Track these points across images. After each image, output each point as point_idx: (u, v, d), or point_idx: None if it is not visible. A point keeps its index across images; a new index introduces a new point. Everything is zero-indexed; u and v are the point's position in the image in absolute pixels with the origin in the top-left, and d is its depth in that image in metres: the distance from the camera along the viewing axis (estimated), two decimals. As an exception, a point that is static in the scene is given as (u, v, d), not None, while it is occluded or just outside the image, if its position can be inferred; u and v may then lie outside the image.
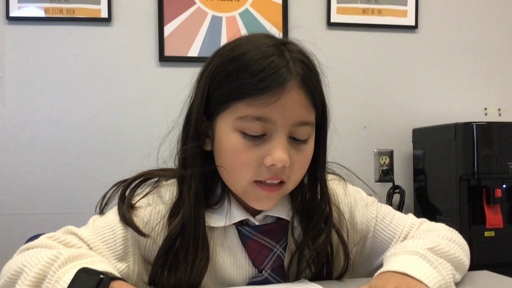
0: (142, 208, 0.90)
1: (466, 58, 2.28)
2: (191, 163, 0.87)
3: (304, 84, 0.82)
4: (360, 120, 2.19)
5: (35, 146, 1.95)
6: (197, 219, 0.86)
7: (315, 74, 0.86)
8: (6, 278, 0.77)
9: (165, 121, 1.42)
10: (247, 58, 0.81)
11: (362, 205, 0.99)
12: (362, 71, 2.19)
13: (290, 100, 0.81)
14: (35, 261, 0.75)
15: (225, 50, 0.86)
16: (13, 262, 0.79)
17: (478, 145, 1.80)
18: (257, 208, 0.88)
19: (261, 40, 0.85)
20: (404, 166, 2.22)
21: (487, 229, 1.80)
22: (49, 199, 1.95)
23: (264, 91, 0.79)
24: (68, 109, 1.98)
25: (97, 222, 0.89)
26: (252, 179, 0.83)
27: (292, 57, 0.83)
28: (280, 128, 0.81)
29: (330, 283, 0.90)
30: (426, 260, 0.81)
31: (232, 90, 0.82)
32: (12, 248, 0.84)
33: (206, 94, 0.86)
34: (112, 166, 1.99)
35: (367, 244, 0.98)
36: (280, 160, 0.80)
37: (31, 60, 1.96)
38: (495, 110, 2.28)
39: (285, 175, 0.84)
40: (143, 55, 2.03)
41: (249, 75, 0.80)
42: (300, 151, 0.84)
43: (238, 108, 0.82)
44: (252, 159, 0.82)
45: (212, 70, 0.85)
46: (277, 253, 0.91)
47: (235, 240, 0.91)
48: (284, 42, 0.86)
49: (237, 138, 0.82)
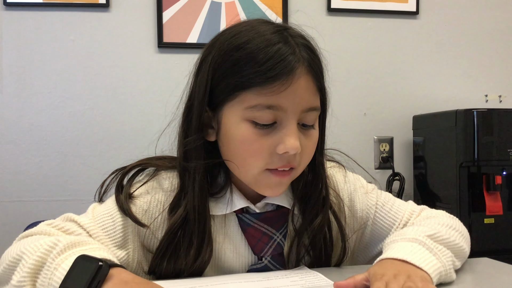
0: (141, 196, 0.89)
1: (467, 45, 2.27)
2: (194, 156, 0.86)
3: (311, 69, 0.82)
4: (360, 107, 2.18)
5: (34, 133, 1.95)
6: (202, 212, 0.86)
7: (319, 58, 0.86)
8: (5, 265, 0.76)
9: (164, 108, 1.42)
10: (252, 46, 0.80)
11: (362, 192, 0.99)
12: (362, 58, 2.17)
13: (300, 87, 0.81)
14: (33, 248, 0.74)
15: (225, 37, 0.85)
16: (12, 249, 0.78)
17: (478, 132, 1.80)
18: (268, 195, 0.88)
19: (261, 26, 0.84)
20: (404, 153, 2.22)
21: (487, 216, 1.81)
22: (48, 186, 1.94)
23: (273, 79, 0.78)
24: (67, 96, 1.97)
25: (96, 209, 0.89)
26: (264, 168, 0.83)
27: (297, 43, 0.83)
28: (291, 115, 0.81)
29: (330, 270, 0.91)
30: (425, 247, 0.81)
31: (239, 80, 0.80)
32: (11, 236, 0.84)
33: (209, 85, 0.84)
34: (110, 153, 1.98)
35: (367, 231, 0.98)
36: (293, 148, 0.80)
37: (29, 46, 1.95)
38: (495, 96, 2.27)
39: (296, 161, 0.84)
40: (142, 41, 2.02)
41: (257, 63, 0.79)
42: (308, 137, 0.85)
43: (247, 98, 0.81)
44: (264, 148, 0.81)
45: (215, 59, 0.84)
46: (277, 241, 0.91)
47: (235, 227, 0.91)
48: (285, 28, 0.85)
49: (248, 127, 0.81)
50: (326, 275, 0.84)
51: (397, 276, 0.73)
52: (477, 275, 0.89)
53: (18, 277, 0.72)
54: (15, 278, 0.72)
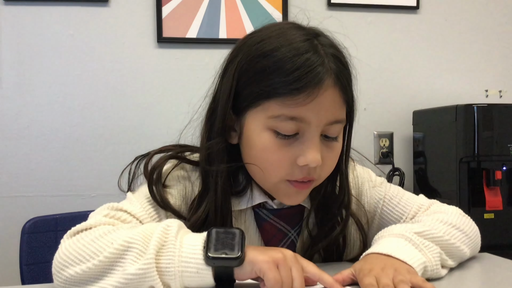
0: (174, 187, 0.89)
1: (467, 40, 2.26)
2: (217, 160, 0.85)
3: (338, 81, 0.81)
4: (360, 102, 2.14)
5: (33, 128, 1.94)
6: (223, 211, 0.86)
7: (348, 69, 0.84)
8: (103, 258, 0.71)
9: (163, 103, 1.45)
10: (280, 55, 0.79)
11: (370, 186, 0.99)
12: (362, 52, 2.16)
13: (326, 99, 0.79)
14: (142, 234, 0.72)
15: (253, 41, 0.83)
16: (85, 243, 0.74)
17: (478, 127, 1.79)
18: (286, 203, 0.88)
19: (291, 32, 0.82)
20: (404, 148, 2.22)
21: (487, 211, 1.80)
22: (48, 181, 1.94)
23: (299, 91, 0.77)
24: (66, 91, 1.96)
25: (136, 198, 0.88)
26: (284, 178, 0.83)
27: (326, 53, 0.81)
28: (314, 128, 0.80)
29: (323, 265, 0.90)
30: (411, 243, 0.81)
31: (264, 89, 0.79)
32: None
33: (234, 90, 0.83)
34: (110, 148, 1.98)
35: (374, 225, 0.98)
36: (314, 161, 0.80)
37: (28, 41, 1.94)
38: (496, 92, 2.27)
39: (316, 173, 0.83)
40: (141, 36, 2.01)
41: (283, 73, 0.78)
42: (330, 148, 0.84)
43: (271, 107, 0.80)
44: (284, 159, 0.81)
45: (241, 64, 0.83)
46: (291, 238, 0.91)
47: (251, 222, 0.91)
48: (316, 35, 0.83)
49: (269, 137, 0.81)
50: (327, 270, 0.84)
51: (384, 269, 0.74)
52: (476, 270, 0.89)
53: (142, 261, 0.69)
54: (134, 265, 0.69)
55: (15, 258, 1.31)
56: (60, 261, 0.74)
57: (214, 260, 0.70)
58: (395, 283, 0.70)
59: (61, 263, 0.74)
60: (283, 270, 0.70)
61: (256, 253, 0.71)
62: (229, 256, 0.70)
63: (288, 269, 0.71)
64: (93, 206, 0.89)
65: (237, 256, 0.70)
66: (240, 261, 0.70)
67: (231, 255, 0.70)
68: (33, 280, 1.26)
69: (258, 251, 0.72)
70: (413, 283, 0.72)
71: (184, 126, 0.93)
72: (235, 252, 0.70)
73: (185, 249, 0.71)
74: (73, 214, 1.36)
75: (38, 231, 1.31)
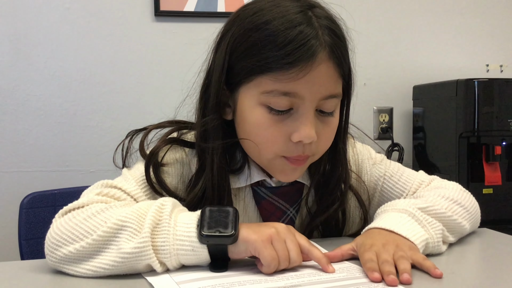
0: (171, 165, 0.89)
1: (468, 14, 2.24)
2: (212, 137, 0.84)
3: (333, 54, 0.78)
4: (359, 77, 2.11)
5: (30, 104, 1.93)
6: (220, 189, 0.85)
7: (344, 42, 0.81)
8: (96, 237, 0.71)
9: (160, 78, 1.43)
10: (272, 28, 0.76)
11: (370, 163, 0.98)
12: (362, 27, 2.14)
13: (320, 74, 0.77)
14: (136, 213, 0.72)
15: (246, 14, 0.81)
16: (78, 222, 0.73)
17: (479, 102, 1.79)
18: (283, 180, 0.87)
19: (285, 3, 0.79)
20: (403, 124, 2.21)
21: (486, 186, 1.81)
22: (46, 157, 1.94)
23: (292, 65, 0.75)
24: (63, 66, 1.94)
25: (132, 175, 0.87)
26: (279, 154, 0.82)
27: (321, 25, 0.78)
28: (308, 103, 0.78)
29: (323, 241, 0.90)
30: (414, 218, 0.80)
31: (257, 63, 0.77)
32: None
33: (227, 64, 0.81)
34: (108, 123, 1.97)
35: (374, 202, 0.98)
36: (308, 137, 0.78)
37: (23, 15, 1.91)
38: (497, 66, 2.25)
39: (312, 149, 0.82)
40: (138, 9, 1.98)
41: (275, 47, 0.76)
42: (326, 124, 0.82)
43: (263, 82, 0.78)
44: (278, 134, 0.80)
45: (234, 37, 0.81)
46: (290, 216, 0.91)
47: (249, 200, 0.90)
48: (310, 6, 0.80)
49: (263, 112, 0.79)
50: (324, 247, 0.84)
51: (385, 245, 0.73)
52: (476, 245, 0.90)
53: (138, 240, 0.69)
54: (129, 244, 0.69)
55: (14, 234, 1.31)
56: (53, 241, 0.74)
57: (207, 237, 0.70)
58: (395, 259, 0.70)
59: (53, 243, 0.73)
60: (278, 244, 0.70)
61: (249, 232, 0.71)
62: (222, 234, 0.70)
63: (282, 243, 0.71)
64: (91, 181, 0.89)
65: (230, 234, 0.70)
66: (233, 238, 0.70)
67: (224, 233, 0.70)
68: (32, 255, 1.27)
69: (251, 229, 0.72)
70: (414, 260, 0.72)
71: (179, 102, 0.91)
72: (228, 230, 0.70)
73: (180, 227, 0.71)
74: (71, 189, 1.36)
75: (37, 206, 1.31)
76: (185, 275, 0.70)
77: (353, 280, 0.68)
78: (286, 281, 0.68)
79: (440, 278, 0.69)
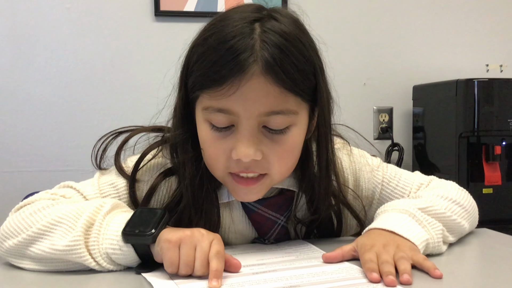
0: (145, 175, 0.88)
1: (468, 14, 2.23)
2: (180, 151, 0.83)
3: (270, 69, 0.72)
4: (359, 77, 2.16)
5: (31, 103, 1.93)
6: (198, 208, 0.84)
7: (291, 55, 0.74)
8: (31, 233, 0.75)
9: (160, 78, 1.39)
10: (208, 44, 0.75)
11: (368, 170, 0.95)
12: (362, 27, 2.14)
13: (251, 90, 0.73)
14: (74, 211, 0.75)
15: (202, 28, 0.81)
16: (20, 219, 0.77)
17: (479, 102, 1.79)
18: (240, 200, 0.85)
19: (234, 16, 0.76)
20: (403, 124, 2.21)
21: (486, 186, 1.81)
22: (46, 156, 1.94)
23: (221, 82, 0.73)
24: (63, 65, 1.94)
25: (101, 179, 0.89)
26: (225, 171, 0.80)
27: (263, 39, 0.73)
28: (244, 120, 0.75)
29: (321, 241, 0.90)
30: (415, 219, 0.80)
31: (196, 80, 0.77)
32: (10, 206, 0.83)
33: (184, 79, 0.81)
34: (108, 123, 1.97)
35: (373, 208, 0.95)
36: (244, 155, 0.75)
37: (24, 15, 1.91)
38: (496, 66, 2.25)
39: (261, 168, 0.78)
40: (138, 9, 1.98)
41: (208, 63, 0.74)
42: (276, 142, 0.77)
43: (203, 99, 0.77)
44: (219, 152, 0.78)
45: (188, 53, 0.81)
46: (281, 224, 0.90)
47: (240, 213, 0.89)
48: (263, 17, 0.76)
49: (206, 129, 0.78)
50: (322, 248, 0.84)
51: (386, 246, 0.73)
52: (475, 245, 0.90)
53: (69, 238, 0.73)
54: (63, 241, 0.73)
55: (14, 233, 1.31)
56: (3, 233, 0.79)
57: (127, 236, 0.72)
58: (396, 260, 0.70)
59: (3, 235, 0.78)
60: (184, 248, 0.69)
61: (166, 233, 0.71)
62: (140, 232, 0.71)
63: (190, 248, 0.69)
64: (90, 181, 0.89)
65: (148, 233, 0.71)
66: (152, 238, 0.71)
67: (144, 232, 0.71)
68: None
69: (171, 230, 0.72)
70: (414, 260, 0.72)
71: None
72: (148, 229, 0.71)
73: (112, 227, 0.74)
74: (71, 190, 1.36)
75: (37, 207, 1.31)
76: None
77: (352, 281, 0.68)
78: (286, 281, 0.68)
79: (440, 279, 0.69)
